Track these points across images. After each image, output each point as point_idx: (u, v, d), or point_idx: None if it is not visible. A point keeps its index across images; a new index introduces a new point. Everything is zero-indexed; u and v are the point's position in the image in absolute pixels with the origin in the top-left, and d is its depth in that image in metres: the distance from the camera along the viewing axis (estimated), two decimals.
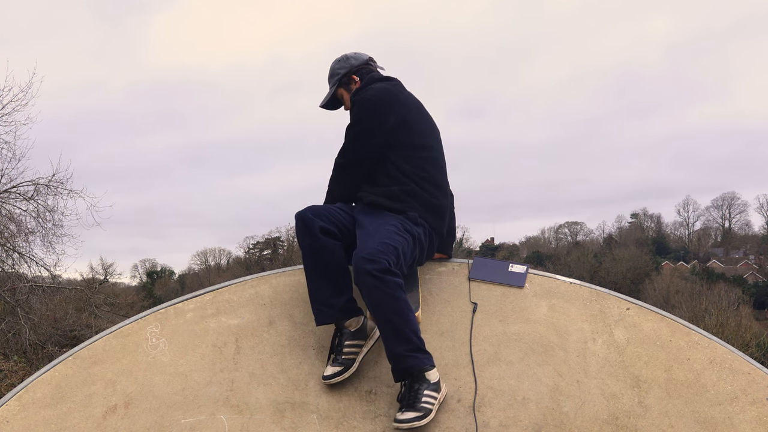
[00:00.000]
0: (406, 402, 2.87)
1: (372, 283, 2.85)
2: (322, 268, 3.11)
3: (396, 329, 2.89)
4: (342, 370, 3.03)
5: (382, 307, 2.88)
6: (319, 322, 3.14)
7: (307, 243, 3.12)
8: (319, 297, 3.12)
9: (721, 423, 2.98)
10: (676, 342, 3.27)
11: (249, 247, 52.67)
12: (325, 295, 3.11)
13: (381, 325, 2.93)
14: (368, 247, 2.93)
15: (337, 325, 3.12)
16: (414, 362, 2.88)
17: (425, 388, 2.87)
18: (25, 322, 16.48)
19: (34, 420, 2.99)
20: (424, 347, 2.93)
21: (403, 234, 3.09)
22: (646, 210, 73.85)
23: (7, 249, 16.79)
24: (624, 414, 3.00)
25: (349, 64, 3.43)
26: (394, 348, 2.89)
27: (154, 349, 3.24)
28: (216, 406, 3.01)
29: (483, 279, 3.52)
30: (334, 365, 3.05)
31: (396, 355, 2.90)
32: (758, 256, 61.41)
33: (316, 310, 3.14)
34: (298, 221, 3.15)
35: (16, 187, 16.78)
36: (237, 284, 3.55)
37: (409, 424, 2.81)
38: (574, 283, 3.56)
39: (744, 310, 30.57)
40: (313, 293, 3.15)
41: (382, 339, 2.95)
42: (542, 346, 3.23)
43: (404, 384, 2.92)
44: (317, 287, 3.13)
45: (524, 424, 2.96)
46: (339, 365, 3.04)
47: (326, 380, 3.03)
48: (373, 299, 2.89)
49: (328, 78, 3.49)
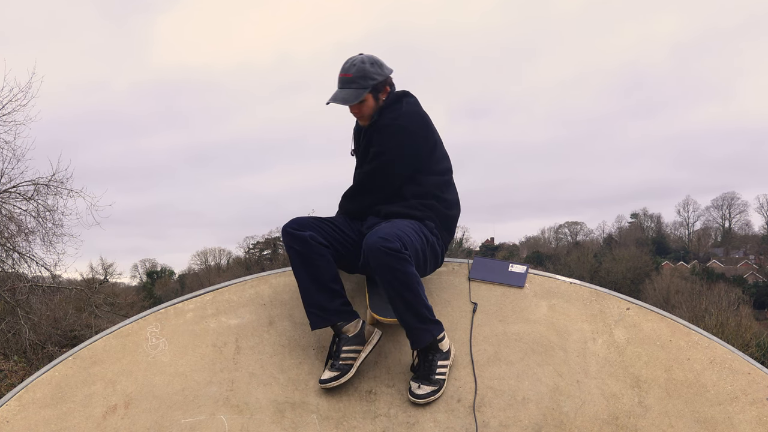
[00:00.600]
0: (422, 374, 3.04)
1: (385, 260, 2.92)
2: (313, 272, 3.11)
3: (408, 304, 3.00)
4: (338, 375, 3.04)
5: (395, 283, 2.96)
6: (314, 326, 3.15)
7: (296, 249, 3.12)
8: (313, 302, 3.12)
9: (721, 423, 2.98)
10: (676, 342, 3.27)
11: (249, 247, 52.72)
12: (320, 299, 3.11)
13: (393, 301, 3.01)
14: (383, 231, 3.01)
15: (335, 329, 3.12)
16: (427, 336, 3.04)
17: (438, 359, 3.06)
18: (25, 322, 16.47)
19: (34, 420, 2.99)
20: (434, 316, 3.08)
21: (419, 234, 3.15)
22: (646, 210, 73.81)
23: (7, 249, 16.79)
24: (624, 414, 3.00)
25: (385, 73, 3.27)
26: (408, 322, 3.03)
27: (154, 349, 3.24)
28: (216, 406, 3.01)
29: (483, 279, 3.52)
30: (331, 370, 3.06)
31: (411, 327, 3.04)
32: (758, 256, 61.39)
33: (310, 314, 3.14)
34: (286, 234, 3.16)
35: (16, 186, 16.79)
36: (237, 284, 3.55)
37: (426, 399, 3.00)
38: (574, 283, 3.56)
39: (744, 310, 30.55)
40: (306, 298, 3.15)
41: (396, 314, 3.05)
42: (542, 346, 3.23)
43: (417, 353, 3.07)
44: (310, 293, 3.13)
45: (524, 424, 2.96)
46: (336, 370, 3.05)
47: (323, 384, 3.05)
48: (385, 275, 2.95)
49: (358, 77, 3.21)
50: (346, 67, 3.22)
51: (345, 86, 3.21)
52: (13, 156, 16.37)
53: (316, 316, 3.12)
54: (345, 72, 3.22)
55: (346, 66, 3.23)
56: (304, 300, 3.16)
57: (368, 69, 3.22)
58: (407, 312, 3.02)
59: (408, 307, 3.01)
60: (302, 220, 3.21)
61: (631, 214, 73.32)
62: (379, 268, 2.95)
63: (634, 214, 73.08)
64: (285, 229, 3.17)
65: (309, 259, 3.11)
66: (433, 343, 3.06)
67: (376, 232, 3.00)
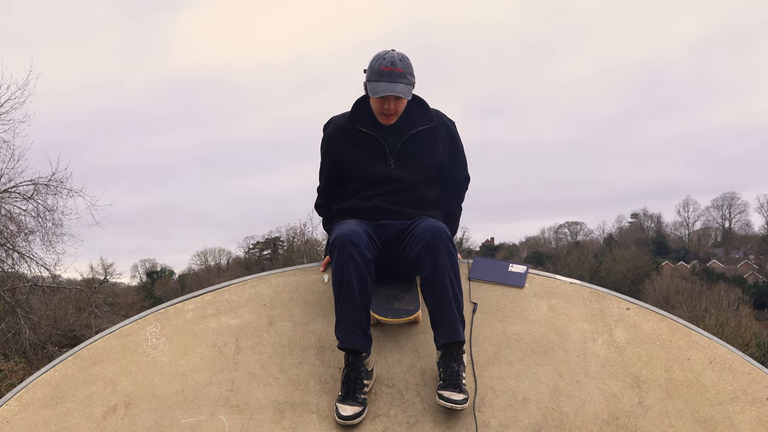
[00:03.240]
0: (451, 382, 2.96)
1: (448, 251, 3.01)
2: (362, 291, 3.00)
3: (455, 295, 3.02)
4: (362, 410, 2.93)
5: (447, 273, 2.99)
6: (344, 345, 2.98)
7: (355, 262, 2.98)
8: (352, 320, 2.98)
9: (721, 423, 2.98)
10: (676, 342, 3.27)
11: (249, 247, 52.67)
12: (359, 319, 3.00)
13: (439, 292, 3.00)
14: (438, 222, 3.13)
15: (356, 362, 2.99)
16: (462, 330, 3.03)
17: (462, 370, 3.00)
18: (25, 322, 16.48)
19: (34, 420, 2.99)
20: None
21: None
22: (646, 210, 73.87)
23: (7, 249, 16.79)
24: (624, 414, 3.00)
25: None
26: (450, 313, 3.00)
27: (154, 349, 3.24)
28: (216, 406, 3.01)
29: (483, 279, 3.52)
30: (353, 405, 2.92)
31: (452, 318, 3.00)
32: (758, 256, 61.40)
33: (345, 331, 2.98)
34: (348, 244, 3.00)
35: (16, 186, 16.80)
36: (237, 284, 3.55)
37: (461, 406, 2.91)
38: (574, 283, 3.56)
39: (744, 310, 30.55)
40: (346, 315, 2.99)
41: (438, 304, 3.02)
42: (542, 346, 3.23)
43: (441, 365, 3.00)
44: (352, 309, 2.98)
45: (524, 424, 2.96)
46: (359, 405, 2.93)
47: (348, 421, 2.89)
48: (442, 264, 2.99)
49: (408, 73, 3.15)
50: (394, 61, 3.11)
51: (396, 80, 3.10)
52: (12, 155, 16.41)
53: (353, 335, 2.97)
54: (394, 66, 3.10)
55: (393, 60, 3.12)
56: (342, 315, 3.01)
57: (412, 67, 3.18)
58: (452, 303, 3.01)
59: (454, 297, 3.01)
60: (361, 233, 3.07)
61: (631, 214, 73.41)
62: (442, 253, 2.99)
63: (634, 214, 73.14)
64: (349, 239, 3.00)
65: (364, 276, 3.00)
66: (460, 350, 3.01)
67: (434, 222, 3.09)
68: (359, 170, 3.29)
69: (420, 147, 3.29)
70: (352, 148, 3.30)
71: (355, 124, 3.29)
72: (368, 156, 3.28)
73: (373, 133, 3.27)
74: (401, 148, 3.27)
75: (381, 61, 3.13)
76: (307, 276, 3.56)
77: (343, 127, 3.33)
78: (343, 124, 3.33)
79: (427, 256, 3.02)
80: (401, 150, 3.27)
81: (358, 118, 3.29)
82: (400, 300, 3.25)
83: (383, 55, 3.15)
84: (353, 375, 2.96)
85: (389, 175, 3.27)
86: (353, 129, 3.30)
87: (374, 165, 3.28)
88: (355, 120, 3.30)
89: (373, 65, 3.16)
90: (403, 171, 3.27)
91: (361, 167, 3.28)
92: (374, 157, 3.28)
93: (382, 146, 3.27)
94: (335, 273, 3.03)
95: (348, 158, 3.30)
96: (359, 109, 3.31)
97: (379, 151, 3.28)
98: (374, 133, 3.27)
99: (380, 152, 3.28)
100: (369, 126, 3.27)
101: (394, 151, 3.27)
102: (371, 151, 3.28)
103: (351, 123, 3.30)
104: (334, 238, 3.06)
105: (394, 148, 3.27)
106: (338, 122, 3.37)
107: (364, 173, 3.29)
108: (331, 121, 3.42)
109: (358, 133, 3.29)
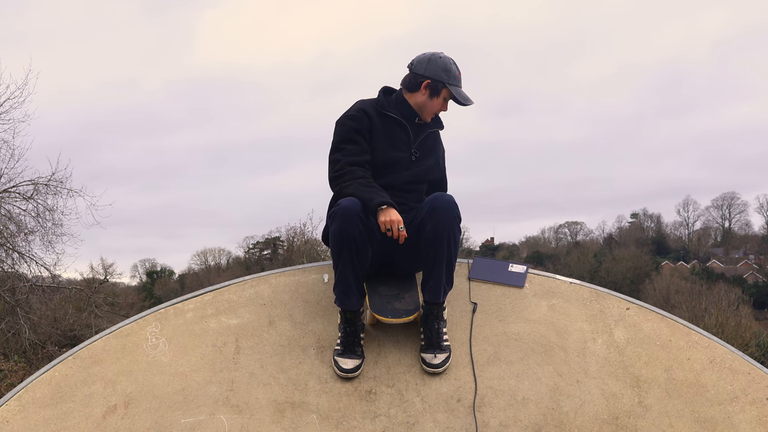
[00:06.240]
0: (432, 343, 3.15)
1: (454, 224, 3.08)
2: (362, 257, 3.08)
3: (449, 262, 3.12)
4: (361, 363, 3.13)
5: (449, 245, 3.08)
6: (344, 307, 3.14)
7: (356, 230, 3.01)
8: (350, 282, 3.10)
9: (721, 423, 2.98)
10: (676, 342, 3.28)
11: (249, 247, 52.66)
12: (357, 281, 3.13)
13: (439, 252, 3.09)
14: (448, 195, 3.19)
15: (354, 317, 3.15)
16: (445, 294, 3.17)
17: (443, 326, 3.18)
18: (25, 322, 16.48)
19: (34, 420, 2.99)
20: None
21: None
22: (646, 210, 73.83)
23: (7, 249, 16.79)
24: (624, 414, 3.00)
25: None
26: (439, 276, 3.12)
27: (154, 349, 3.24)
28: (216, 406, 3.01)
29: (483, 279, 3.53)
30: (353, 358, 3.12)
31: (439, 281, 3.12)
32: (758, 256, 61.37)
33: (344, 293, 3.12)
34: (351, 213, 3.02)
35: (16, 186, 16.80)
36: (237, 284, 3.55)
37: (444, 367, 3.12)
38: (574, 283, 3.56)
39: (744, 310, 30.51)
40: (344, 278, 3.10)
41: (431, 266, 3.11)
42: (542, 346, 3.23)
43: (423, 324, 3.18)
44: (350, 274, 3.09)
45: (524, 424, 2.96)
46: (358, 358, 3.12)
47: (351, 374, 3.09)
48: (447, 236, 3.07)
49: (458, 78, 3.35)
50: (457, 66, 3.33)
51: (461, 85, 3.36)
52: (12, 155, 16.41)
53: (351, 296, 3.12)
54: (460, 71, 3.34)
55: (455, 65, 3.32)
56: (341, 278, 3.11)
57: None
58: (444, 267, 3.11)
59: (447, 264, 3.11)
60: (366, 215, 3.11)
61: (631, 214, 73.32)
62: (448, 221, 3.06)
63: (634, 214, 73.08)
64: (353, 209, 3.02)
65: (363, 245, 3.06)
66: (440, 309, 3.16)
67: (445, 195, 3.16)
68: (384, 149, 3.31)
69: (433, 146, 3.48)
70: (382, 127, 3.33)
71: (384, 110, 3.35)
72: (395, 141, 3.34)
73: (403, 120, 3.36)
74: (422, 142, 3.40)
75: (453, 66, 3.31)
76: (307, 276, 3.56)
77: (374, 107, 3.38)
78: (374, 105, 3.38)
79: (433, 214, 3.09)
80: (422, 144, 3.40)
81: (387, 105, 3.37)
82: (400, 300, 3.25)
83: (450, 60, 3.32)
84: (351, 329, 3.15)
85: (411, 163, 3.36)
86: (383, 113, 3.36)
87: (399, 150, 3.34)
88: (383, 107, 3.36)
89: (448, 67, 3.29)
90: (422, 162, 3.39)
91: (387, 147, 3.32)
92: (401, 143, 3.35)
93: (410, 136, 3.36)
94: (336, 236, 3.06)
95: (377, 135, 3.32)
96: (387, 98, 3.40)
97: (405, 140, 3.36)
98: (405, 121, 3.37)
99: (406, 141, 3.36)
100: (399, 114, 3.36)
101: (417, 143, 3.39)
102: (397, 138, 3.35)
103: (381, 108, 3.36)
104: (343, 205, 3.05)
105: (416, 141, 3.39)
106: (369, 103, 3.42)
107: (386, 156, 3.31)
108: (361, 101, 3.45)
109: (388, 118, 3.35)
